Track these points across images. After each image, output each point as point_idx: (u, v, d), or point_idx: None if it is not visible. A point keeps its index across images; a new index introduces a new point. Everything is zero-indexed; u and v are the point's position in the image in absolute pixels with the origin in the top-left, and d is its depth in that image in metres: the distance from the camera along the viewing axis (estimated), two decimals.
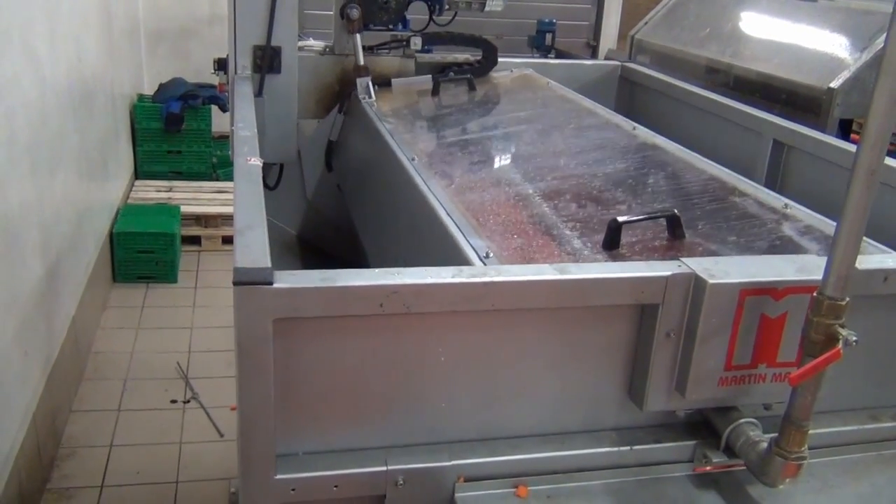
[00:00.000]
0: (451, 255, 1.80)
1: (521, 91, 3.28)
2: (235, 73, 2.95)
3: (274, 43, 2.93)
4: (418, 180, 2.22)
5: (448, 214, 1.97)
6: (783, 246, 1.78)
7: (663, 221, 1.86)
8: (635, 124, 2.67)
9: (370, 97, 3.09)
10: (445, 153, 2.53)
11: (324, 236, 3.77)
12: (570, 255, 1.80)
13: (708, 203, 2.02)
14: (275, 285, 1.26)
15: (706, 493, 1.53)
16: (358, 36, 3.19)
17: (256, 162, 1.83)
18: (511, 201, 2.10)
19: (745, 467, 1.52)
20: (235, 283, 1.25)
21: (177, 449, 3.89)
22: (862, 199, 1.27)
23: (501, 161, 2.44)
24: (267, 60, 2.94)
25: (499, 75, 3.45)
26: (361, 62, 3.18)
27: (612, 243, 1.78)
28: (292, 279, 1.28)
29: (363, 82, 3.13)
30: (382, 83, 3.28)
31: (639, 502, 1.50)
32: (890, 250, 1.73)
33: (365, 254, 2.73)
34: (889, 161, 2.18)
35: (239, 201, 1.59)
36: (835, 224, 1.80)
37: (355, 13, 3.13)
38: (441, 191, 2.15)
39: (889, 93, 1.20)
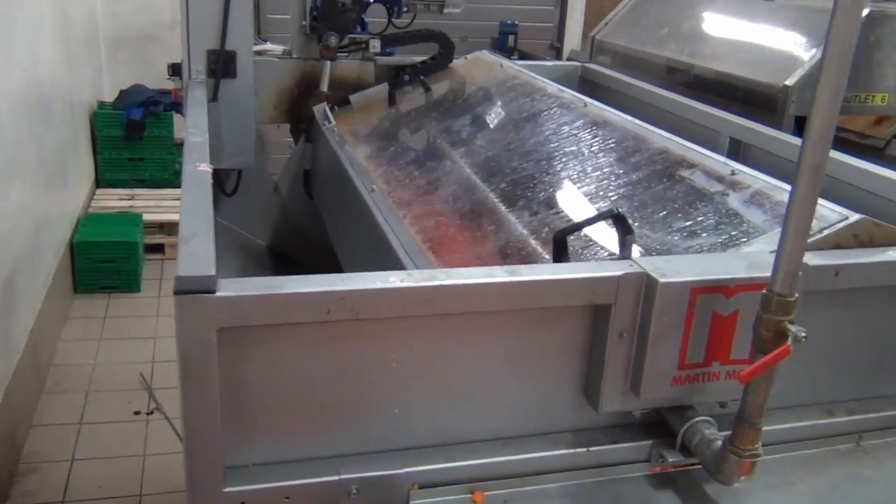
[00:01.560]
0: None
1: (475, 78, 3.28)
2: (189, 78, 2.90)
3: (228, 47, 2.89)
4: (377, 214, 2.27)
5: (405, 252, 2.02)
6: (731, 224, 1.77)
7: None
8: (586, 100, 2.68)
9: (329, 122, 3.08)
10: (403, 175, 2.55)
11: (297, 247, 3.74)
12: (527, 242, 1.81)
13: (657, 182, 2.01)
14: (218, 294, 1.23)
15: (663, 492, 1.53)
16: (329, 63, 3.22)
17: (206, 168, 1.79)
18: (467, 222, 2.13)
19: (701, 466, 1.51)
20: (176, 293, 1.22)
21: (140, 461, 3.82)
22: (807, 195, 1.27)
23: (457, 173, 2.45)
24: (221, 65, 2.89)
25: (453, 62, 3.46)
26: (325, 89, 3.19)
27: (560, 255, 1.76)
28: (236, 287, 1.26)
29: (320, 109, 3.13)
30: (342, 101, 3.28)
31: None
32: (843, 208, 1.71)
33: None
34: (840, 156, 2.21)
35: (185, 209, 1.55)
36: (781, 184, 1.82)
37: (333, 41, 3.18)
38: (399, 223, 2.20)
39: (831, 89, 1.21)
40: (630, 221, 1.68)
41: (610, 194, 2.05)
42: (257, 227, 3.80)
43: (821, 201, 1.67)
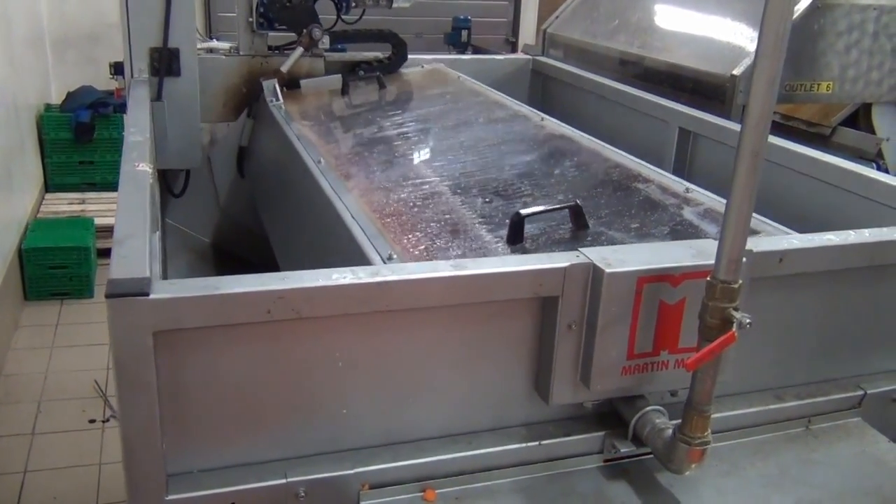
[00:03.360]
0: (356, 259, 1.76)
1: (432, 86, 3.26)
2: (132, 76, 2.83)
3: (171, 44, 2.83)
4: (323, 183, 2.19)
5: (353, 217, 1.95)
6: (683, 230, 1.79)
7: (568, 212, 1.84)
8: (543, 115, 2.67)
9: (277, 100, 3.02)
10: (353, 154, 2.49)
11: (239, 243, 3.67)
12: (477, 251, 1.78)
13: (613, 191, 2.01)
14: (152, 296, 1.19)
15: (616, 483, 1.52)
16: (300, 50, 3.22)
17: (145, 168, 1.75)
18: (418, 200, 2.08)
19: (653, 455, 1.51)
20: (108, 296, 1.18)
21: (96, 471, 3.74)
22: (748, 181, 1.27)
23: (409, 160, 2.41)
24: (164, 63, 2.83)
25: (410, 71, 3.42)
26: (284, 69, 3.15)
27: (515, 237, 1.76)
28: (171, 289, 1.22)
29: (269, 84, 3.07)
30: (291, 84, 3.21)
31: (548, 498, 1.48)
32: (785, 229, 1.76)
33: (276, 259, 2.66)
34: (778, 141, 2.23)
35: (120, 209, 1.51)
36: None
37: (318, 33, 3.22)
38: (346, 193, 2.11)
39: (767, 75, 1.21)
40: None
41: (560, 197, 2.04)
42: (202, 225, 3.71)
43: (768, 221, 1.70)
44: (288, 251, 2.57)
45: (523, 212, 1.79)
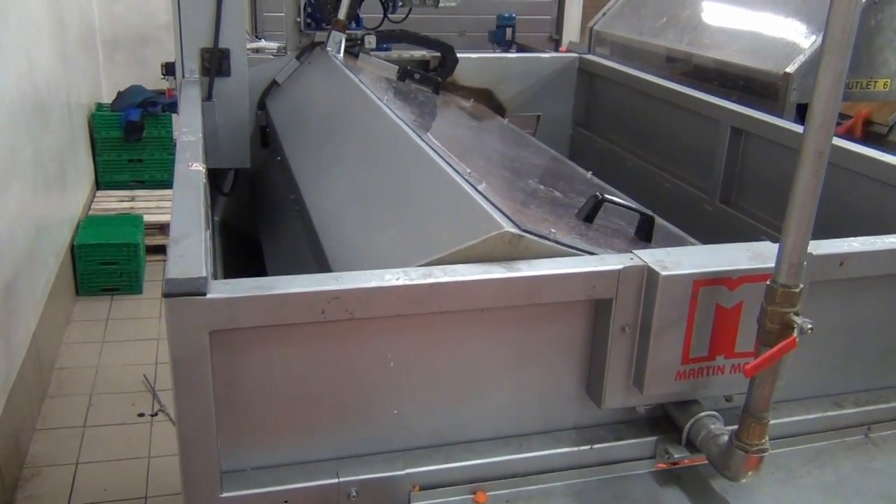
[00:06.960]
0: (432, 174, 1.76)
1: (481, 114, 3.25)
2: (183, 76, 2.87)
3: (222, 45, 2.86)
4: (392, 115, 2.19)
5: (424, 141, 1.95)
6: None
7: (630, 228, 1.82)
8: (589, 173, 2.62)
9: (339, 53, 3.04)
10: (418, 110, 2.48)
11: (248, 219, 3.60)
12: (546, 203, 1.77)
13: (662, 240, 1.97)
14: (209, 296, 1.21)
15: (669, 489, 1.50)
16: None
17: (198, 167, 1.77)
18: (487, 160, 2.08)
19: (707, 462, 1.48)
20: (166, 296, 1.19)
21: (145, 463, 3.81)
22: (811, 182, 1.23)
23: (468, 141, 2.40)
24: (215, 63, 2.86)
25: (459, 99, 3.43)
26: (341, 16, 3.14)
27: (589, 215, 1.77)
28: (227, 288, 1.23)
29: (337, 36, 3.07)
30: (348, 51, 3.22)
31: (600, 502, 1.46)
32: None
33: (301, 195, 2.55)
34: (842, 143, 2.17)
35: (176, 209, 1.53)
36: None
37: None
38: (417, 127, 2.13)
39: (833, 73, 1.17)
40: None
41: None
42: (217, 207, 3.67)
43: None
44: (322, 178, 2.48)
45: (603, 195, 1.81)
